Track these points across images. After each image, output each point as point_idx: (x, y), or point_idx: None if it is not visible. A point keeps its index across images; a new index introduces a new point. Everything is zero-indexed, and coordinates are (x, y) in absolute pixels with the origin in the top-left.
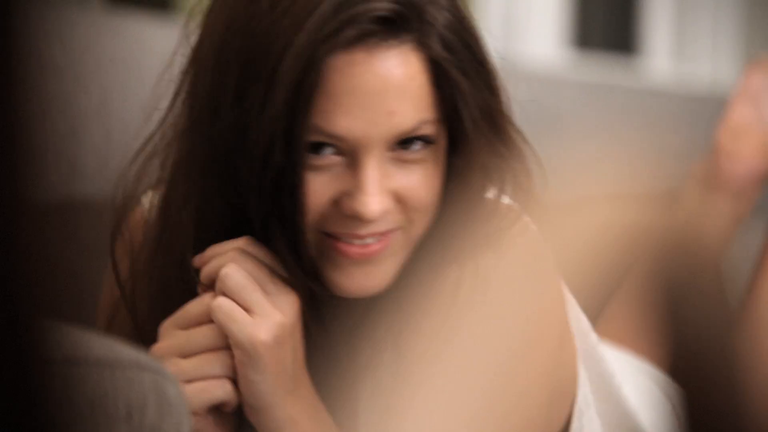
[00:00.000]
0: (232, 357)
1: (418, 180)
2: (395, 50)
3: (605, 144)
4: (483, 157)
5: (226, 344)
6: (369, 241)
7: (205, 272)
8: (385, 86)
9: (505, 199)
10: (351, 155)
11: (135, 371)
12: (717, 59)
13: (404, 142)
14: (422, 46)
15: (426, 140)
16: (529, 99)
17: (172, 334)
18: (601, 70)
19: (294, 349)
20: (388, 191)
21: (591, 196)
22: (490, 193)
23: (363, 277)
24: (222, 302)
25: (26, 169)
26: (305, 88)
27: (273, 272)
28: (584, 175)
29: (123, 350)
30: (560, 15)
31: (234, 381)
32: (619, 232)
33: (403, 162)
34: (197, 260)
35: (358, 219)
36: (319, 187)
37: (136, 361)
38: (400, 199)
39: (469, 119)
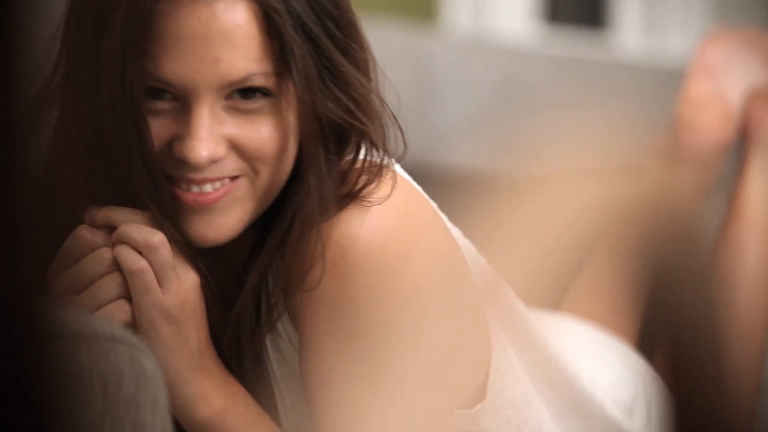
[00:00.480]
0: (123, 277)
1: (257, 130)
2: None
3: (575, 118)
4: (319, 116)
5: (115, 267)
6: (207, 188)
7: (118, 234)
8: (210, 32)
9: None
10: (184, 100)
11: (111, 344)
12: (687, 33)
13: (242, 91)
14: None
15: (263, 92)
16: (499, 73)
17: (60, 276)
18: (572, 45)
19: (197, 327)
20: (221, 138)
21: (561, 171)
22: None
23: (204, 225)
24: (146, 269)
25: (22, 146)
26: (134, 34)
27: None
28: (554, 150)
29: (99, 324)
30: None
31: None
32: (592, 207)
33: (239, 111)
34: (100, 214)
35: (187, 163)
36: (157, 130)
37: (111, 334)
38: (237, 148)
39: (301, 74)
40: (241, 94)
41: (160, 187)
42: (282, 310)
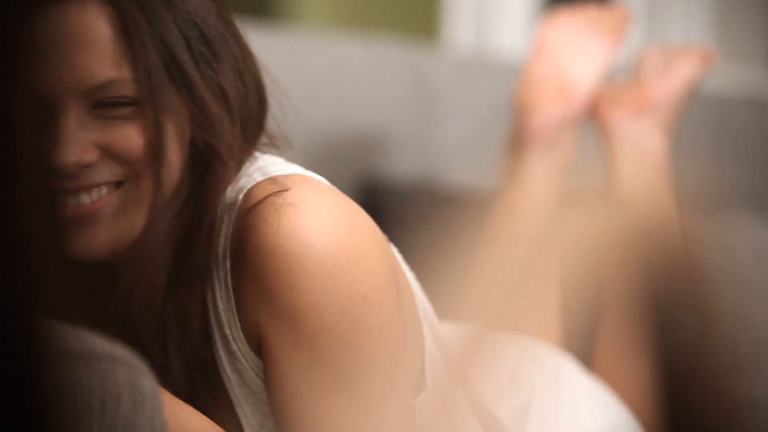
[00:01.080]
0: None
1: (128, 135)
2: (75, 1)
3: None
4: (171, 116)
5: None
6: (84, 200)
7: None
8: (62, 36)
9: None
10: (50, 115)
11: (109, 364)
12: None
13: (110, 104)
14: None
15: (128, 101)
16: (500, 91)
17: None
18: None
19: None
20: (90, 144)
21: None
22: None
23: (84, 239)
24: None
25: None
26: None
27: None
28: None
29: (97, 342)
30: (531, 6)
31: None
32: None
33: (110, 118)
34: None
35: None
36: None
37: (110, 353)
38: (110, 153)
39: (144, 80)
40: (110, 105)
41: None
42: (238, 335)
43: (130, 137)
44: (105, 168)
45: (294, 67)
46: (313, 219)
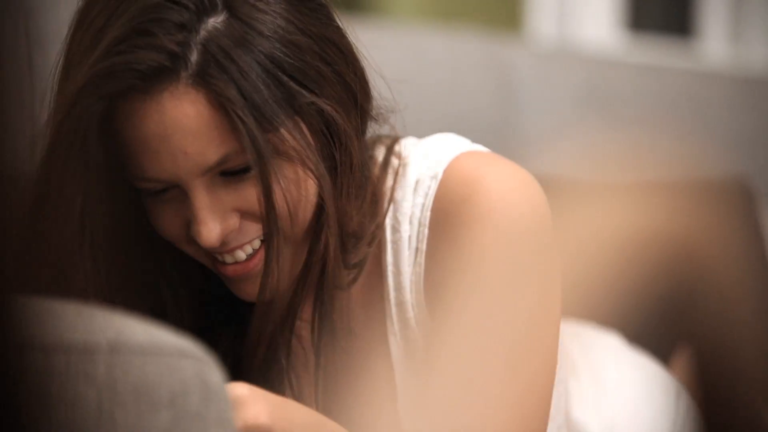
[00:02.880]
0: None
1: (255, 196)
2: (168, 92)
3: (658, 129)
4: (277, 177)
5: None
6: (240, 256)
7: None
8: (167, 130)
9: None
10: (181, 188)
11: (178, 358)
12: None
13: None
14: (200, 82)
15: (244, 170)
16: (583, 82)
17: None
18: (656, 53)
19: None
20: (227, 211)
21: (640, 181)
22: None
23: (251, 286)
24: None
25: (5, 145)
26: (92, 144)
27: None
28: (635, 160)
29: (166, 337)
30: None
31: None
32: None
33: (236, 182)
34: None
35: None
36: (169, 220)
37: (179, 348)
38: (248, 213)
39: (251, 148)
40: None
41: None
42: (419, 300)
43: (257, 194)
44: (249, 226)
45: (379, 60)
46: (521, 195)
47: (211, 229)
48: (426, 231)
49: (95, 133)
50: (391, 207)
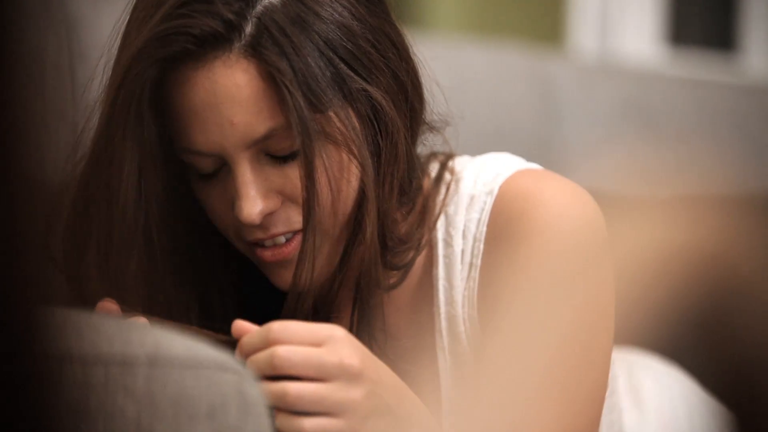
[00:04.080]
0: None
1: (299, 180)
2: (220, 61)
3: (698, 143)
4: (321, 158)
5: None
6: (280, 240)
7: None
8: (216, 98)
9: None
10: (226, 164)
11: (216, 371)
12: None
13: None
14: (252, 53)
15: (289, 154)
16: (624, 95)
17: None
18: (698, 67)
19: (379, 369)
20: (270, 191)
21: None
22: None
23: (287, 273)
24: (294, 389)
25: (32, 156)
26: (146, 112)
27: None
28: (677, 175)
29: (205, 350)
30: (656, 11)
31: None
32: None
33: (280, 164)
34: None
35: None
36: (215, 200)
37: (217, 361)
38: (289, 197)
39: (297, 127)
40: (274, 146)
41: (243, 247)
42: (472, 314)
43: (299, 177)
44: (290, 212)
45: (421, 72)
46: (578, 211)
47: (252, 205)
48: (481, 246)
49: (148, 101)
50: (444, 221)
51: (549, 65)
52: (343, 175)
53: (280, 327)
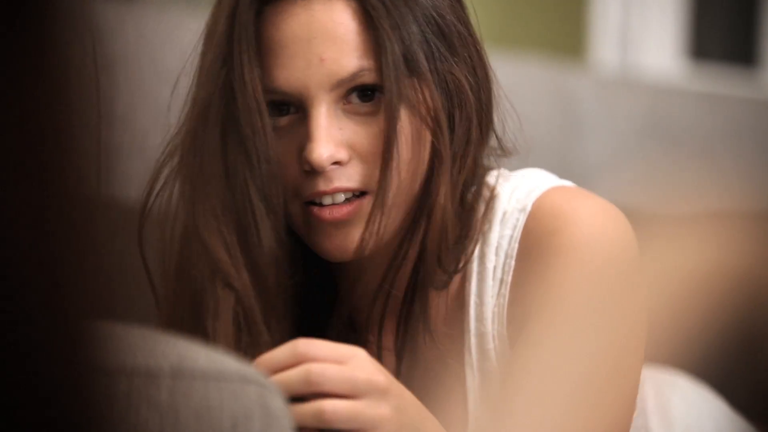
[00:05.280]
0: None
1: (375, 133)
2: None
3: (721, 159)
4: (410, 114)
5: None
6: (339, 198)
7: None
8: (311, 33)
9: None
10: (303, 110)
11: (240, 384)
12: None
13: (359, 94)
14: None
15: (375, 89)
16: (644, 110)
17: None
18: (719, 82)
19: (401, 392)
20: (342, 143)
21: (701, 212)
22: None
23: (342, 237)
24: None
25: (80, 168)
26: (240, 45)
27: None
28: (696, 191)
29: (228, 362)
30: (677, 25)
31: None
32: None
33: (358, 115)
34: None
35: (314, 171)
36: (285, 149)
37: (241, 373)
38: (358, 153)
39: (390, 67)
40: (358, 96)
41: (296, 208)
42: (501, 332)
43: (375, 133)
44: (357, 169)
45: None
46: (610, 230)
47: (324, 147)
48: (512, 263)
49: (247, 42)
50: (480, 238)
51: (570, 79)
52: (419, 141)
53: (306, 344)
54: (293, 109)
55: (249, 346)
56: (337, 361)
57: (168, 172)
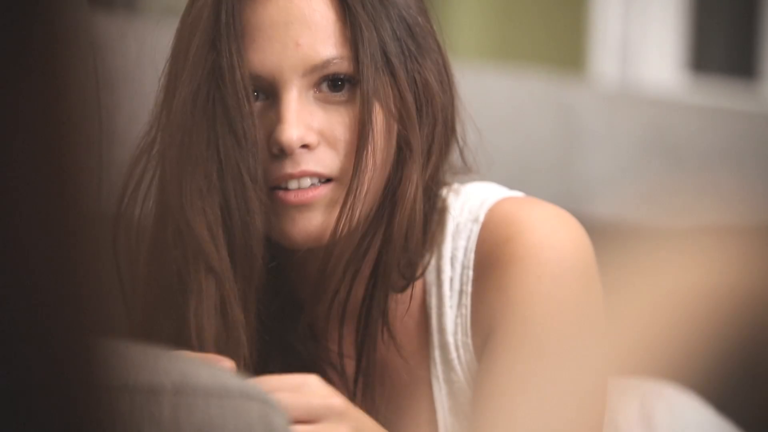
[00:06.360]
0: None
1: (343, 120)
2: None
3: (721, 172)
4: (382, 105)
5: None
6: (305, 183)
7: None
8: (289, 17)
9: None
10: (274, 95)
11: (242, 400)
12: None
13: (330, 84)
14: None
15: (348, 81)
16: (645, 123)
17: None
18: (720, 95)
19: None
20: (311, 128)
21: (702, 226)
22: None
23: (306, 221)
24: None
25: (89, 185)
26: (228, 30)
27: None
28: (698, 204)
29: (230, 379)
30: (677, 38)
31: None
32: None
33: (329, 102)
34: None
35: (283, 155)
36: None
37: (243, 390)
38: (327, 140)
39: (368, 57)
40: (329, 86)
41: (264, 193)
42: (464, 342)
43: (345, 122)
44: (325, 154)
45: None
46: (565, 234)
47: (293, 128)
48: (470, 273)
49: (235, 27)
50: (434, 250)
51: (570, 92)
52: (388, 133)
53: (255, 380)
54: (263, 96)
55: (224, 329)
56: (290, 391)
57: (145, 164)
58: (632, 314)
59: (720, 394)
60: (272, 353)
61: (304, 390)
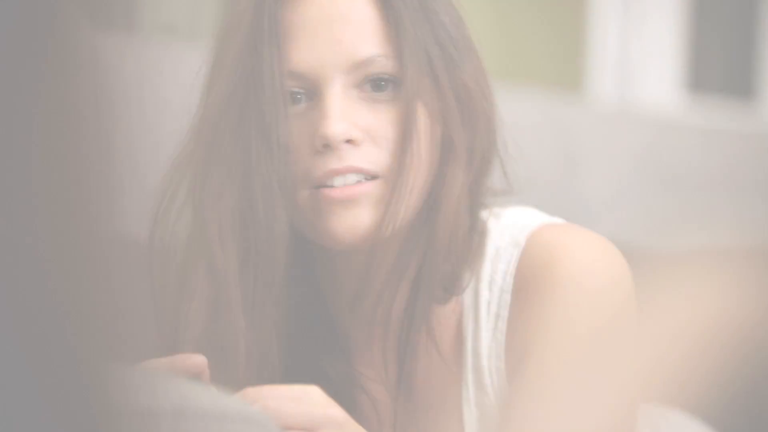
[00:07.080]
0: None
1: (387, 118)
2: None
3: (719, 192)
4: (425, 105)
5: None
6: (350, 179)
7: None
8: (330, 15)
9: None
10: (317, 95)
11: (242, 424)
12: None
13: (373, 83)
14: None
15: (390, 80)
16: (643, 143)
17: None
18: (718, 115)
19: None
20: (355, 124)
21: (701, 249)
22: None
23: (352, 218)
24: None
25: (102, 207)
26: (269, 35)
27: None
28: (696, 226)
29: (230, 402)
30: (675, 58)
31: None
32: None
33: (373, 101)
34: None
35: (327, 151)
36: (298, 132)
37: (243, 413)
38: (372, 136)
39: (414, 55)
40: (372, 86)
41: (305, 192)
42: (498, 366)
43: (389, 120)
44: (367, 152)
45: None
46: (606, 263)
47: (338, 122)
48: (508, 297)
49: (275, 32)
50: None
51: (567, 112)
52: (432, 134)
53: (256, 390)
54: (306, 98)
55: (216, 333)
56: (290, 400)
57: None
58: (650, 341)
59: (726, 422)
60: (298, 372)
61: (305, 399)
